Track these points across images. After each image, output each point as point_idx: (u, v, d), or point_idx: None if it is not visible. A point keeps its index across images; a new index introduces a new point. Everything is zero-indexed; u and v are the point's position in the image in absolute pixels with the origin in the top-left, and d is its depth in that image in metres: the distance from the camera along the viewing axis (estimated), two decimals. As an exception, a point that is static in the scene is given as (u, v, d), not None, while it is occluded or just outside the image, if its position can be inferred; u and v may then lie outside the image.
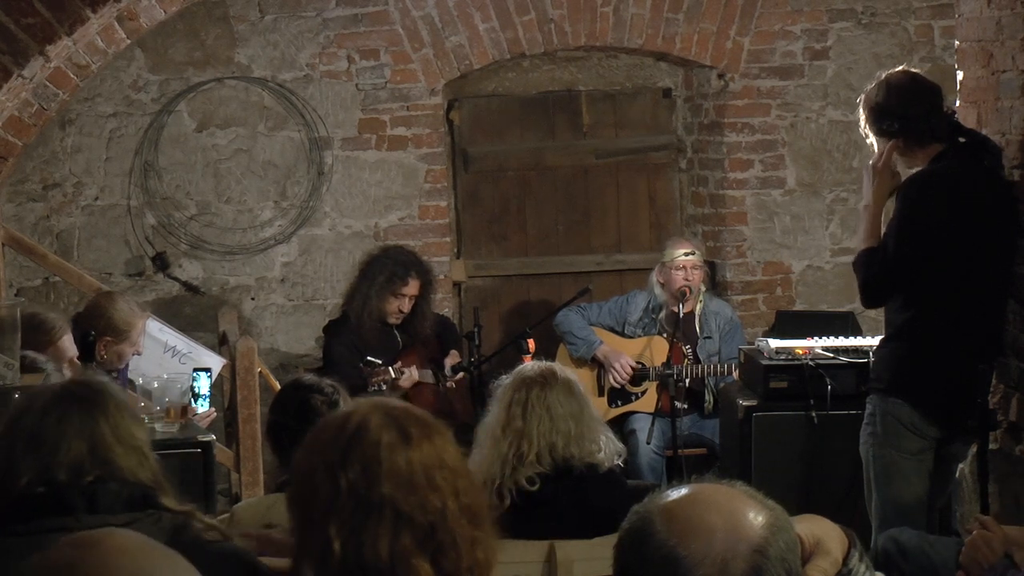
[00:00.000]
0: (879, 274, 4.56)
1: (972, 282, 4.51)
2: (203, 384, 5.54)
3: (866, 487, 4.72)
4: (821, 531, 1.87)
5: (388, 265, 6.57)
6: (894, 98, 4.59)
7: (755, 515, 1.67)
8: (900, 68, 4.84)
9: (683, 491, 1.71)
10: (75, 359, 5.16)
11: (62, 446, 2.50)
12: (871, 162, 4.74)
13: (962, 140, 4.58)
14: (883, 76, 4.69)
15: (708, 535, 1.64)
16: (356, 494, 1.95)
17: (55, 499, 2.45)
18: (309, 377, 3.96)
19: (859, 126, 4.78)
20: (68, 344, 5.18)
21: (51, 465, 2.48)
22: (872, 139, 4.72)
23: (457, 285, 7.77)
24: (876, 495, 4.65)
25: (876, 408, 4.65)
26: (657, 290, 6.86)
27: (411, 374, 6.39)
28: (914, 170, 4.70)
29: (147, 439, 2.64)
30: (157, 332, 5.98)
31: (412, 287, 6.57)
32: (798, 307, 7.54)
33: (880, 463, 4.63)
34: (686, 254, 6.78)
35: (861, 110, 4.72)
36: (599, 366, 6.90)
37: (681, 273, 6.74)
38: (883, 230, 4.67)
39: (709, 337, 6.85)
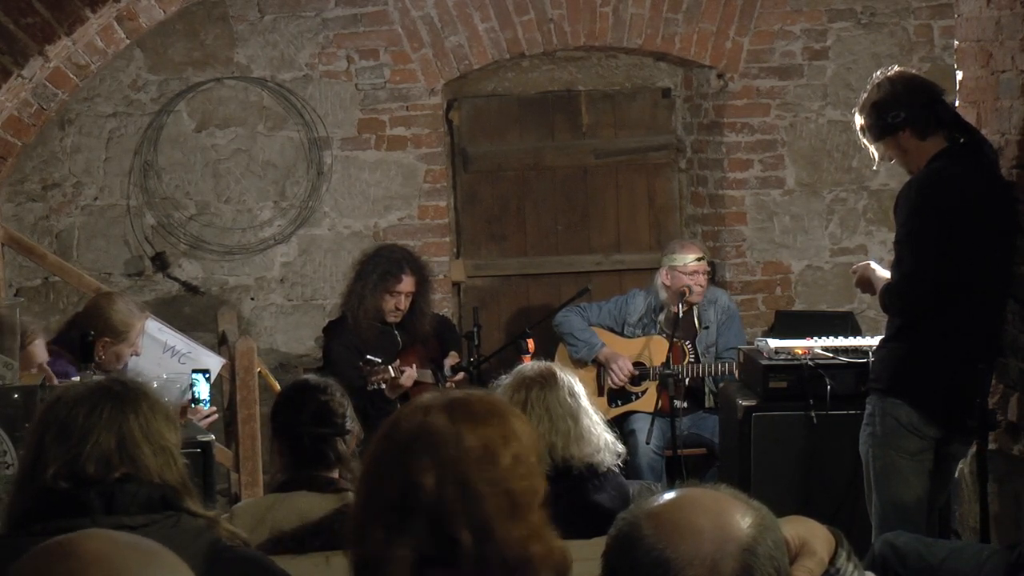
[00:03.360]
0: (906, 294, 4.55)
1: (972, 282, 4.50)
2: (202, 388, 5.53)
3: (866, 487, 4.72)
4: (807, 532, 1.88)
5: (381, 263, 6.57)
6: (899, 89, 4.60)
7: (742, 515, 1.68)
8: (896, 68, 4.84)
9: (669, 496, 1.72)
10: (44, 365, 5.10)
11: (90, 438, 2.49)
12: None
13: (962, 140, 4.58)
14: (880, 76, 4.71)
15: (696, 537, 1.65)
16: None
17: (72, 499, 2.44)
18: (313, 377, 3.94)
19: (857, 134, 4.77)
20: (39, 350, 5.11)
21: (78, 457, 2.47)
22: (871, 147, 4.72)
23: (456, 285, 7.77)
24: (876, 495, 4.65)
25: (875, 408, 4.65)
26: (662, 293, 6.87)
27: (411, 373, 6.39)
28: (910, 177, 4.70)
29: (178, 442, 2.62)
30: (156, 332, 5.97)
31: (407, 284, 6.57)
32: (797, 307, 7.55)
33: (879, 463, 4.63)
34: (697, 259, 6.80)
35: (858, 116, 4.71)
36: (599, 366, 6.91)
37: (693, 278, 6.77)
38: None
39: (707, 327, 6.87)
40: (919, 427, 4.56)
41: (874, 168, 4.82)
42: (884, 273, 4.78)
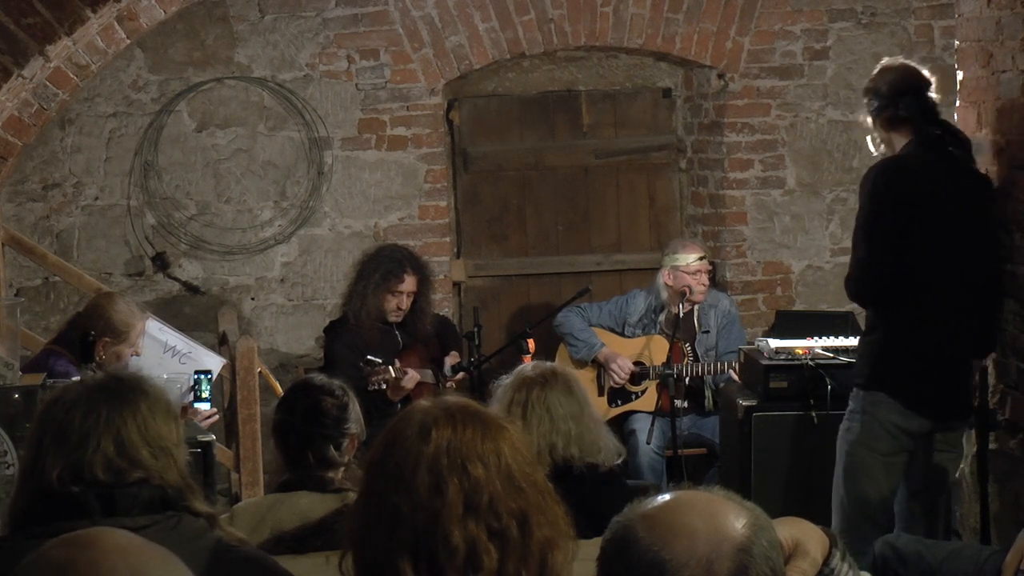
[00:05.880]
0: (860, 280, 4.61)
1: (935, 274, 4.52)
2: (204, 387, 5.54)
3: (835, 480, 4.76)
4: (800, 533, 1.89)
5: (383, 263, 6.57)
6: (883, 79, 4.76)
7: (736, 516, 1.70)
8: (899, 59, 4.97)
9: (663, 498, 1.74)
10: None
11: (90, 443, 2.46)
12: None
13: (934, 131, 4.63)
14: (883, 62, 4.90)
15: (691, 537, 1.66)
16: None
17: (72, 501, 2.42)
18: (319, 378, 3.91)
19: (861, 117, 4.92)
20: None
21: (81, 461, 2.45)
22: (870, 128, 4.84)
23: (457, 285, 7.77)
24: (844, 490, 4.70)
25: (857, 404, 4.70)
26: (663, 292, 6.87)
27: (414, 375, 6.40)
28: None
29: (177, 439, 2.58)
30: (157, 332, 5.97)
31: (408, 283, 6.57)
32: (798, 307, 7.54)
33: (850, 459, 4.70)
34: (700, 258, 6.81)
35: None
36: (600, 367, 6.91)
37: (695, 277, 6.78)
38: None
39: (707, 331, 6.87)
40: (899, 422, 4.58)
41: (874, 153, 4.88)
42: None
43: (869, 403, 4.63)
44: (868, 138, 4.90)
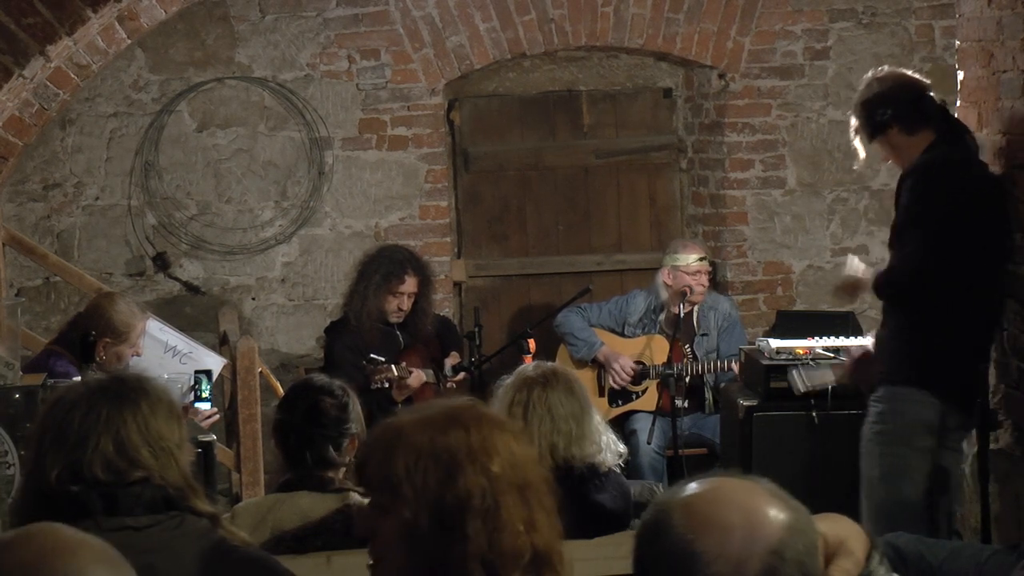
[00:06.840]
0: (913, 275, 4.52)
1: (975, 270, 4.51)
2: (204, 387, 5.54)
3: (866, 487, 4.68)
4: (845, 531, 1.85)
5: (384, 264, 6.56)
6: (885, 87, 4.69)
7: (775, 515, 1.65)
8: (885, 68, 4.91)
9: (705, 485, 1.68)
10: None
11: (89, 442, 2.45)
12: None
13: (950, 130, 4.61)
14: (869, 76, 4.81)
15: (725, 533, 1.62)
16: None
17: (74, 501, 2.41)
18: (320, 378, 3.91)
19: (852, 137, 4.85)
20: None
21: (80, 461, 2.45)
22: (861, 148, 4.80)
23: (457, 285, 7.77)
24: (884, 493, 4.59)
25: (889, 403, 4.58)
26: (663, 292, 6.86)
27: (418, 374, 6.40)
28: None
29: (179, 439, 2.57)
30: (157, 332, 5.97)
31: (409, 284, 6.56)
32: (798, 307, 7.54)
33: (891, 460, 4.56)
34: (700, 259, 6.81)
35: (852, 119, 4.80)
36: (600, 366, 6.91)
37: (696, 278, 6.78)
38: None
39: (706, 334, 6.87)
40: (935, 419, 4.49)
41: (854, 168, 4.88)
42: (859, 264, 4.82)
43: (909, 401, 4.53)
44: (863, 154, 4.83)
